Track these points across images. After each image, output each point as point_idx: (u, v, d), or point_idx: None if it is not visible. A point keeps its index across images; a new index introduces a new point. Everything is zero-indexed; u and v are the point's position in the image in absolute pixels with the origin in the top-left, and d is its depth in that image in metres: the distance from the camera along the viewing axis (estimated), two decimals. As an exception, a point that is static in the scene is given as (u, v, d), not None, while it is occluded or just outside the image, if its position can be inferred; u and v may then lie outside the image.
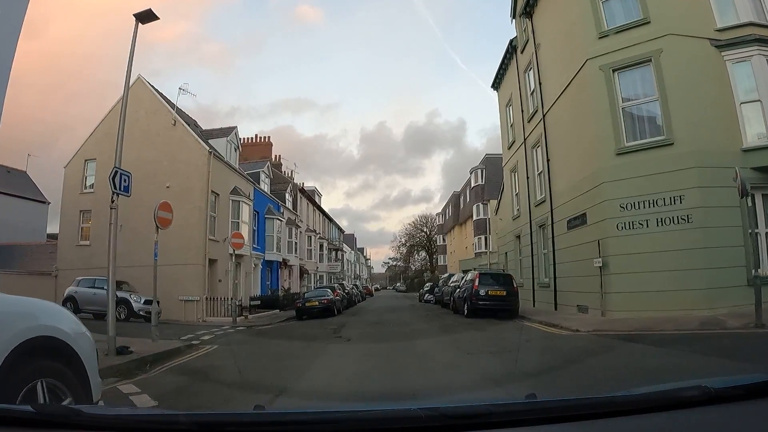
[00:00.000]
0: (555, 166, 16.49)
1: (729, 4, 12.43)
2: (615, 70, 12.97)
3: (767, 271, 11.12)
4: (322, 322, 15.88)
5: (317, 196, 45.97)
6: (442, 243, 63.00)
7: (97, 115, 22.83)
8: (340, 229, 60.04)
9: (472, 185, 39.38)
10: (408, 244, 78.33)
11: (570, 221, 14.76)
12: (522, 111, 20.15)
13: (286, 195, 32.25)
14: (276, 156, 39.88)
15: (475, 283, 14.99)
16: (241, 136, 25.86)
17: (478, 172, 38.02)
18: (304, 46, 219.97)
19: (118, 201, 8.39)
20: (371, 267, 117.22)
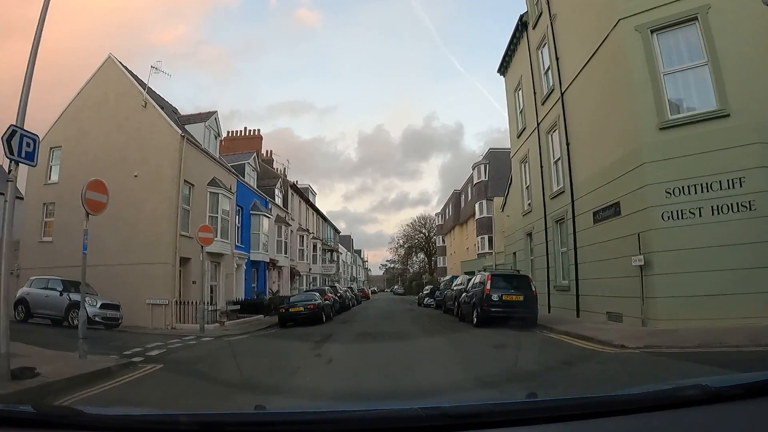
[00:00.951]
0: (576, 151, 14.35)
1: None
2: (654, 30, 10.84)
3: None
4: (307, 331, 13.65)
5: (311, 195, 43.71)
6: (441, 244, 60.69)
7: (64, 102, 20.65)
8: (335, 229, 57.70)
9: (475, 182, 36.92)
10: (406, 246, 76.58)
11: (597, 213, 12.59)
12: (534, 93, 18.10)
13: (276, 191, 29.99)
14: (267, 151, 37.75)
15: (487, 286, 12.68)
16: (230, 129, 23.90)
17: (482, 167, 35.57)
18: (302, 49, 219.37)
19: (17, 172, 6.15)
20: (369, 269, 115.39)
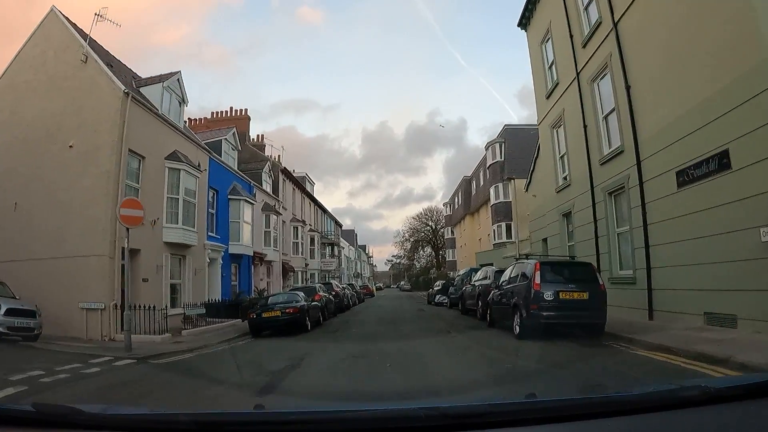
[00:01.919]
0: (641, 95, 10.62)
1: None
2: None
3: None
4: (281, 345, 10.13)
5: (308, 184, 40.09)
6: (450, 236, 56.83)
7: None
8: (337, 222, 53.99)
9: (489, 163, 32.78)
10: (412, 240, 73.06)
11: (686, 172, 8.86)
12: (571, 37, 14.41)
13: (263, 175, 26.37)
14: (259, 136, 34.14)
15: (535, 280, 8.68)
16: (216, 110, 20.26)
17: (497, 146, 31.43)
18: (305, 47, 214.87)
19: None
20: (374, 265, 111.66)
